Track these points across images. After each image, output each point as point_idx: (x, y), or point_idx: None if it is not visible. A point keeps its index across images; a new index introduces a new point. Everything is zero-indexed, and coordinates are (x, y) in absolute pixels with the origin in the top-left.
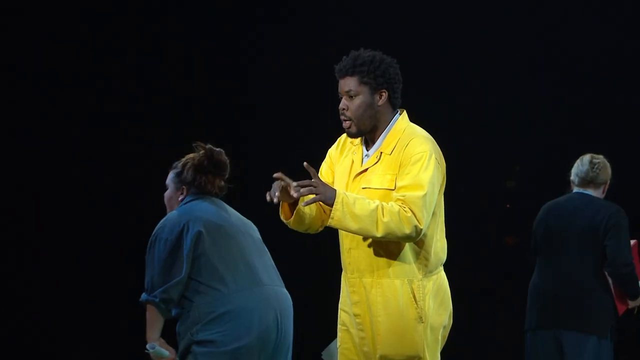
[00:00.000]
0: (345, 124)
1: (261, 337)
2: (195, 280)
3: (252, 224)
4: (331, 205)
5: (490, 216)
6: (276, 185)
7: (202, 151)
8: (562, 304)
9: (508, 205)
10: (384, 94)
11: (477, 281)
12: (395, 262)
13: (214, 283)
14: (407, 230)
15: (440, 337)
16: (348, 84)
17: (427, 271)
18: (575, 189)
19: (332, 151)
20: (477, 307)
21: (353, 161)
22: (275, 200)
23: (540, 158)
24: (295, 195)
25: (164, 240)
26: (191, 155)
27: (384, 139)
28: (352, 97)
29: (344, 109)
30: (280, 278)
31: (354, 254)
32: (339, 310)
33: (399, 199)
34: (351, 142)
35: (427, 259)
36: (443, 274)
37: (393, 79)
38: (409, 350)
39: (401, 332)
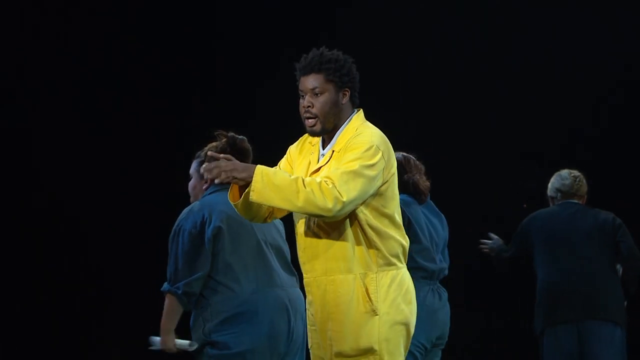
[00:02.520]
0: (310, 122)
1: (272, 339)
2: (211, 278)
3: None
4: (250, 179)
5: (508, 217)
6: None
7: (224, 139)
8: (583, 297)
9: (525, 206)
10: (346, 92)
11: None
12: (347, 258)
13: (229, 282)
14: (329, 202)
15: (402, 334)
16: (313, 81)
17: (382, 265)
18: (562, 201)
19: (292, 148)
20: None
21: (310, 162)
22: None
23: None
24: (206, 176)
25: (187, 232)
26: (214, 143)
27: (337, 137)
28: (317, 94)
29: (308, 106)
30: (296, 275)
31: (307, 253)
32: (306, 310)
33: (324, 176)
34: (309, 143)
35: (380, 254)
36: (404, 271)
37: (355, 79)
38: (362, 344)
39: (354, 327)
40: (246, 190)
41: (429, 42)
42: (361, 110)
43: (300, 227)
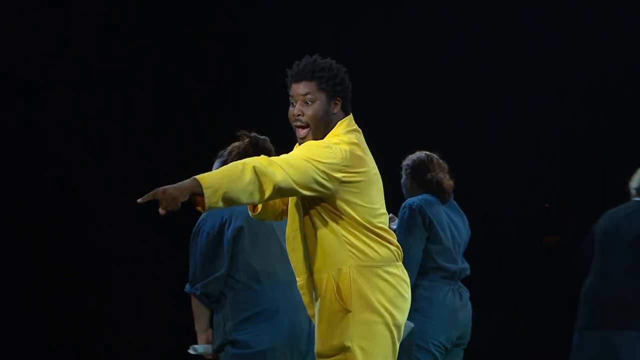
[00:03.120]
0: (301, 132)
1: (293, 338)
2: (232, 277)
3: None
4: (196, 189)
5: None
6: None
7: (247, 139)
8: (614, 305)
9: (547, 205)
10: (338, 102)
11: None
12: (322, 258)
13: (249, 281)
14: (277, 175)
15: (384, 335)
16: (305, 88)
17: (358, 262)
18: (635, 199)
19: None
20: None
21: None
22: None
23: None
24: (162, 213)
25: (206, 233)
26: (236, 143)
27: None
28: (308, 102)
29: (299, 114)
30: None
31: (293, 257)
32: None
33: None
34: None
35: (357, 252)
36: (387, 270)
37: (347, 88)
38: (335, 342)
39: (329, 326)
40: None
41: (438, 37)
42: (349, 116)
43: (287, 231)
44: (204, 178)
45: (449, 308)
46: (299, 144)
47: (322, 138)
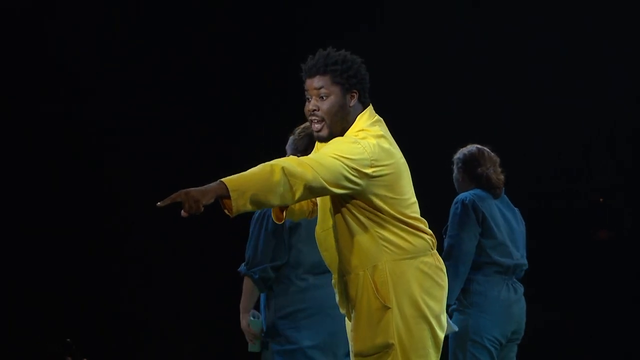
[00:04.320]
0: (316, 127)
1: (334, 337)
2: (281, 270)
3: None
4: (222, 192)
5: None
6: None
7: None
8: None
9: (601, 200)
10: (354, 95)
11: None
12: (356, 255)
13: (296, 277)
14: (308, 174)
15: (425, 329)
16: (319, 83)
17: (394, 256)
18: None
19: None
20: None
21: None
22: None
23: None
24: (184, 215)
25: (272, 218)
26: (306, 124)
27: None
28: (323, 97)
29: (314, 109)
30: None
31: (326, 256)
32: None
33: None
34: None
35: (392, 245)
36: (421, 261)
37: (364, 80)
38: (378, 341)
39: (369, 325)
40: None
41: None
42: (369, 107)
43: (316, 232)
44: (231, 181)
45: (503, 303)
46: (317, 140)
47: (339, 132)
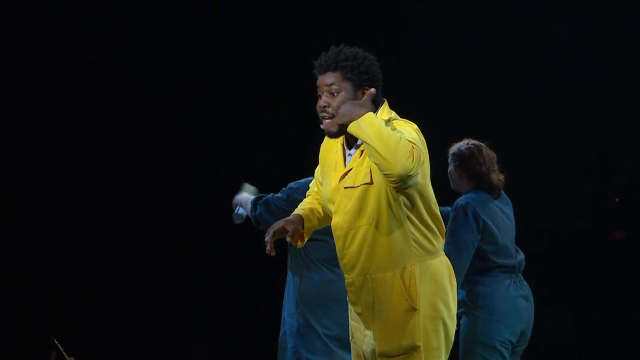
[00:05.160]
0: (325, 123)
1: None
2: (308, 257)
3: None
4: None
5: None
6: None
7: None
8: None
9: (617, 199)
10: (366, 91)
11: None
12: (387, 254)
13: (324, 267)
14: (410, 163)
15: (440, 329)
16: (330, 79)
17: (421, 258)
18: None
19: (322, 146)
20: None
21: (336, 162)
22: (273, 253)
23: None
24: (288, 239)
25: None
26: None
27: None
28: (333, 93)
29: (325, 106)
30: None
31: (347, 254)
32: (349, 308)
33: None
34: (335, 141)
35: (419, 245)
36: (439, 261)
37: (376, 76)
38: (405, 342)
39: (397, 326)
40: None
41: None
42: (385, 101)
43: (339, 227)
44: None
45: (511, 300)
46: (327, 136)
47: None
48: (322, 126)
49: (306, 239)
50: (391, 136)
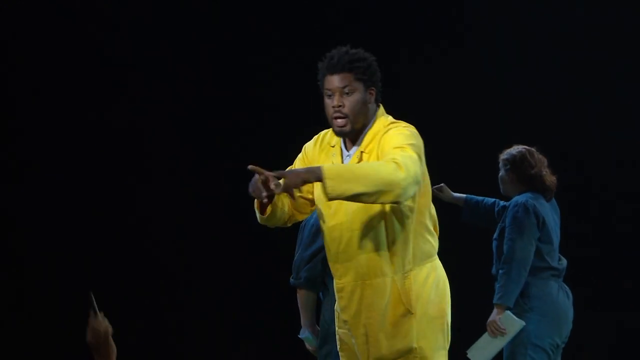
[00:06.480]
0: (340, 122)
1: None
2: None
3: None
4: (319, 175)
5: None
6: (257, 181)
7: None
8: None
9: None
10: (372, 91)
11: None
12: (383, 260)
13: None
14: (402, 173)
15: (440, 328)
16: (344, 80)
17: (418, 261)
18: None
19: (309, 147)
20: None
21: (333, 163)
22: (264, 200)
23: None
24: (276, 191)
25: (310, 225)
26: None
27: (364, 137)
28: (347, 93)
29: (340, 105)
30: None
31: (341, 258)
32: (337, 315)
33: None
34: (328, 143)
35: (417, 250)
36: (437, 263)
37: (379, 77)
38: (400, 346)
39: (391, 330)
40: (323, 188)
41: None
42: (381, 106)
43: (336, 230)
44: (329, 179)
45: (561, 305)
46: (339, 135)
47: (360, 128)
48: (334, 126)
49: (266, 214)
50: (363, 168)
